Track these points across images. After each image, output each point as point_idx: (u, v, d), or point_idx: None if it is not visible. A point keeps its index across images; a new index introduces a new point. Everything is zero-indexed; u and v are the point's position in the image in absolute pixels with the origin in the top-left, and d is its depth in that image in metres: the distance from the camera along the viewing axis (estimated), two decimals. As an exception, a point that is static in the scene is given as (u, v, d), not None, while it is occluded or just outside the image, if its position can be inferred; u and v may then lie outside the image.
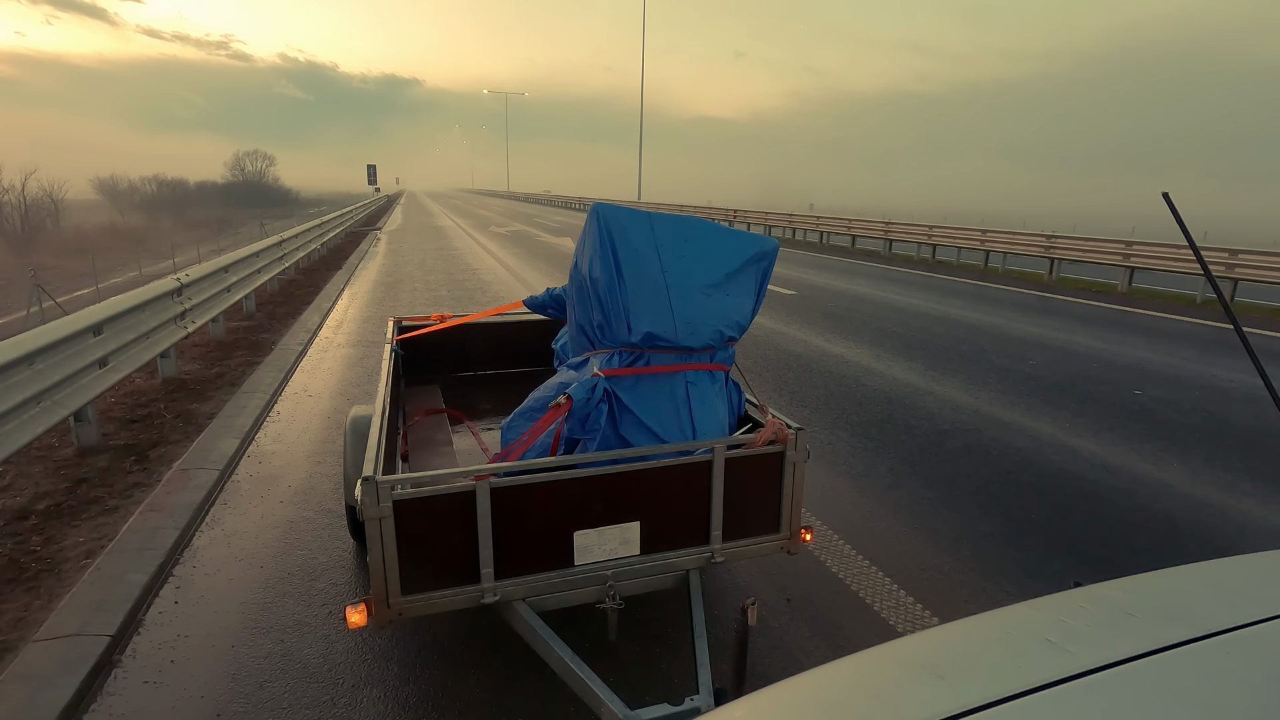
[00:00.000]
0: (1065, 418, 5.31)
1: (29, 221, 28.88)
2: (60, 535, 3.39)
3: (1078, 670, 0.73)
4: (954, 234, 16.58)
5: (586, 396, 2.32)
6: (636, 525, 2.18)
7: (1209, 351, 7.65)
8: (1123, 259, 12.52)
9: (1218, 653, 0.76)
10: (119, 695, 2.38)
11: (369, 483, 1.86)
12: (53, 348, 4.11)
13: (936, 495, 3.97)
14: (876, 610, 2.87)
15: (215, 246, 19.75)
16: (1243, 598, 0.88)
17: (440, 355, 4.13)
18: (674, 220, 2.49)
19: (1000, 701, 0.68)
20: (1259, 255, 10.88)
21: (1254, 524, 3.67)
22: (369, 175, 42.90)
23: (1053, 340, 8.07)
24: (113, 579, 2.96)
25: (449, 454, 3.01)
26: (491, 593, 2.05)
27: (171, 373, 6.15)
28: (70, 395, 4.23)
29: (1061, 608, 0.86)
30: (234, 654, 2.57)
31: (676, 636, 2.64)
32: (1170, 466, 4.40)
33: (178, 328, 6.29)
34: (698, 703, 1.91)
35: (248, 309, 9.28)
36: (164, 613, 2.83)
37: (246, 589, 2.99)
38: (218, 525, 3.56)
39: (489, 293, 10.71)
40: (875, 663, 0.79)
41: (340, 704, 2.32)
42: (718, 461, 2.21)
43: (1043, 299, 11.45)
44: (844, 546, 3.37)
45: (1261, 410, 5.51)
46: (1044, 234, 14.21)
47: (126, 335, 5.12)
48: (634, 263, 2.34)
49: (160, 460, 4.31)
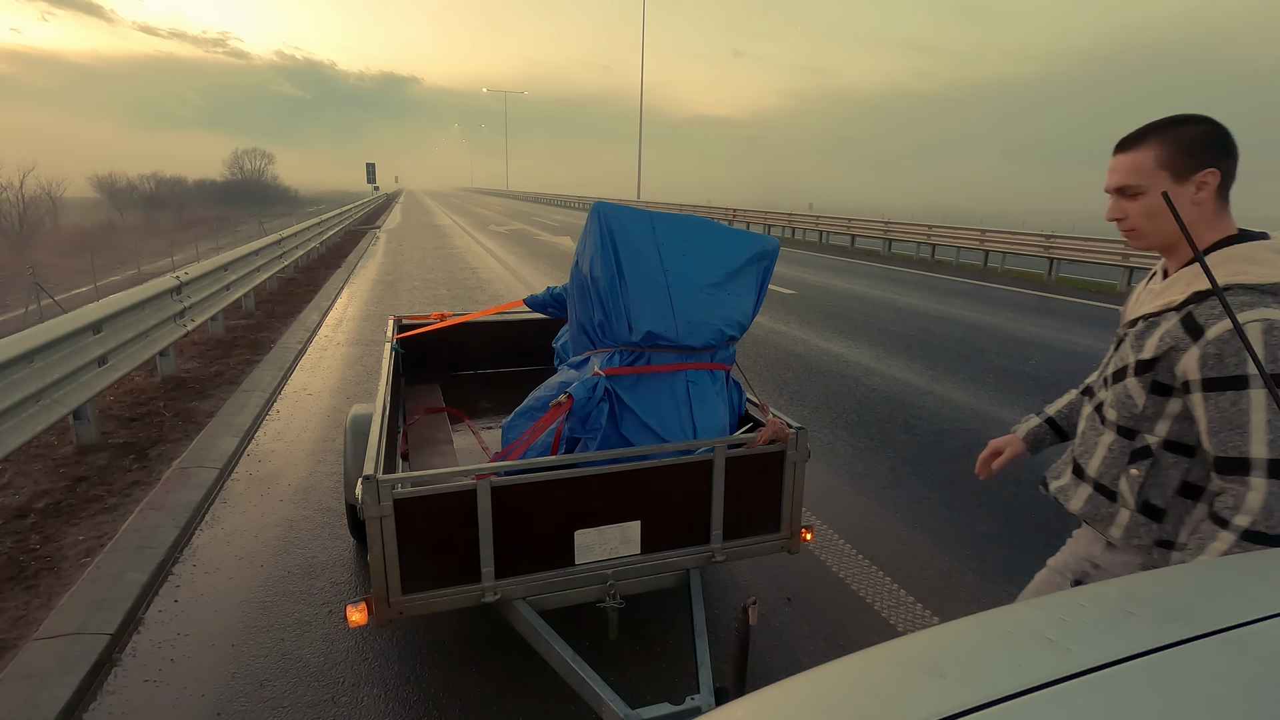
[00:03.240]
0: (1064, 417, 5.31)
1: (27, 219, 28.85)
2: (59, 534, 3.39)
3: (1078, 669, 0.73)
4: (953, 234, 16.59)
5: (587, 395, 2.33)
6: (637, 524, 2.18)
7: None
8: (1122, 259, 12.53)
9: (1218, 651, 0.76)
10: (119, 694, 2.38)
11: (370, 481, 1.86)
12: (52, 345, 4.11)
13: (937, 495, 3.97)
14: (877, 610, 2.87)
15: (214, 245, 19.74)
16: (1242, 596, 0.88)
17: (440, 354, 4.13)
18: (675, 219, 2.49)
19: (1001, 700, 0.69)
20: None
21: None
22: (368, 174, 42.89)
23: (1052, 340, 8.08)
24: (112, 577, 2.96)
25: (449, 453, 3.01)
26: (492, 591, 2.06)
27: (171, 371, 6.15)
28: (69, 393, 4.23)
29: (1061, 607, 0.87)
30: (234, 653, 2.57)
31: (677, 636, 2.65)
32: (1169, 466, 4.41)
33: (177, 326, 6.29)
34: (698, 702, 1.91)
35: (247, 307, 9.27)
36: (164, 611, 2.83)
37: (246, 587, 2.99)
38: (217, 524, 3.56)
39: (488, 292, 10.71)
40: (876, 662, 0.79)
41: (341, 703, 2.32)
42: (718, 461, 2.21)
43: (1042, 299, 11.46)
44: (844, 546, 3.38)
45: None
46: (1043, 234, 14.22)
47: (126, 333, 5.12)
48: (635, 262, 2.34)
49: (160, 459, 4.31)
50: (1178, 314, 1.26)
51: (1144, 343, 1.31)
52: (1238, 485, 1.16)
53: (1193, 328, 1.22)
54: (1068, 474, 1.52)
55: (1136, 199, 1.33)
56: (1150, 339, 1.30)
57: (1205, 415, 1.20)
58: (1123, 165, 1.34)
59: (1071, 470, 1.50)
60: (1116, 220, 1.37)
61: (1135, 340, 1.34)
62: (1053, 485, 1.55)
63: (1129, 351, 1.35)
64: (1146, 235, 1.35)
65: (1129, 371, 1.33)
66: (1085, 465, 1.45)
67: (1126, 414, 1.35)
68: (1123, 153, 1.35)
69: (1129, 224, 1.36)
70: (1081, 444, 1.49)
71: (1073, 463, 1.50)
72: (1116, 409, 1.37)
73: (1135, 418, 1.34)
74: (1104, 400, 1.42)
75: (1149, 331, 1.31)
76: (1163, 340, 1.27)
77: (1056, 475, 1.56)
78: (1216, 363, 1.17)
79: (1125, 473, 1.36)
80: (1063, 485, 1.52)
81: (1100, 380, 1.47)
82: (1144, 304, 1.38)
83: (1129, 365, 1.34)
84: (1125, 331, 1.41)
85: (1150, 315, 1.32)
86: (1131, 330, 1.37)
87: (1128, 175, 1.33)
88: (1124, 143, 1.35)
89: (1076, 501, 1.47)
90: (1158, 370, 1.28)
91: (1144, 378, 1.30)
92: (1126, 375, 1.34)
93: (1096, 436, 1.43)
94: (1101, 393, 1.44)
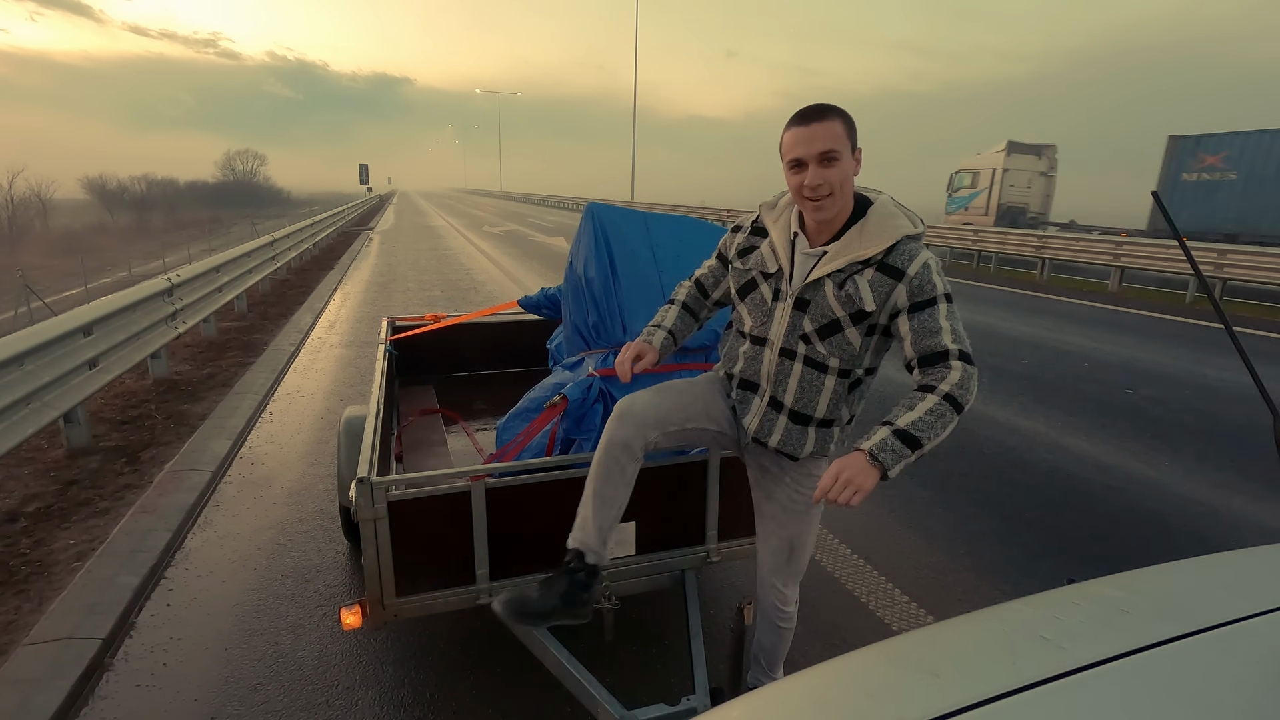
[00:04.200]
0: (1057, 416, 5.34)
1: (16, 221, 28.64)
2: (50, 538, 3.36)
3: (1072, 667, 0.73)
4: (946, 233, 16.66)
5: (582, 396, 2.32)
6: (632, 525, 2.18)
7: (1199, 350, 7.71)
8: (1113, 258, 12.61)
9: (1210, 647, 0.77)
10: (111, 699, 2.36)
11: (364, 483, 1.85)
12: (42, 348, 4.08)
13: (930, 494, 3.98)
14: (871, 609, 2.88)
15: (206, 246, 19.63)
16: (1234, 593, 0.89)
17: (434, 355, 4.12)
18: (668, 220, 2.49)
19: (995, 698, 0.69)
20: (1247, 254, 10.98)
21: (1244, 521, 3.71)
22: (361, 175, 42.74)
23: (1044, 339, 8.12)
24: (104, 581, 2.94)
25: (444, 454, 3.00)
26: (487, 593, 2.05)
27: (163, 373, 6.11)
28: (60, 396, 4.20)
29: (1055, 605, 0.87)
30: (227, 656, 2.55)
31: (672, 636, 2.65)
32: (1161, 464, 4.44)
33: (169, 328, 6.25)
34: (694, 703, 1.91)
35: (239, 309, 9.23)
36: (156, 615, 2.82)
37: (240, 591, 2.97)
38: (210, 527, 3.54)
39: (483, 293, 10.68)
40: (871, 661, 0.80)
41: (336, 706, 2.31)
42: (713, 461, 2.21)
43: (1034, 298, 11.51)
44: (839, 545, 3.38)
45: (1251, 408, 5.56)
46: (1035, 234, 14.29)
47: (117, 336, 5.09)
48: (629, 262, 2.34)
49: (152, 462, 4.28)
50: (873, 266, 1.52)
51: (856, 297, 1.53)
52: (942, 369, 1.48)
53: (894, 272, 1.50)
54: (760, 410, 1.70)
55: (834, 165, 1.47)
56: (862, 293, 1.52)
57: (910, 330, 1.51)
58: (823, 133, 1.47)
59: (775, 411, 1.68)
60: (814, 188, 1.48)
61: (840, 298, 1.54)
62: (747, 422, 1.73)
63: (834, 308, 1.55)
64: (835, 203, 1.51)
65: (844, 324, 1.56)
66: (806, 409, 1.65)
67: (847, 357, 1.59)
68: (817, 122, 1.48)
69: (826, 190, 1.48)
70: (799, 392, 1.64)
71: (780, 406, 1.67)
72: (838, 356, 1.59)
73: (853, 358, 1.60)
74: (810, 354, 1.60)
75: (851, 288, 1.53)
76: (876, 291, 1.52)
77: (744, 414, 1.74)
78: (918, 290, 1.50)
79: (845, 402, 1.66)
80: (758, 422, 1.71)
81: (790, 337, 1.61)
82: (820, 266, 1.55)
83: (840, 319, 1.55)
84: (795, 290, 1.58)
85: (837, 273, 1.54)
86: (819, 292, 1.56)
87: (833, 140, 1.47)
88: (814, 113, 1.49)
89: (775, 436, 1.69)
90: (873, 315, 1.54)
91: (861, 325, 1.55)
92: (842, 327, 1.56)
93: (818, 384, 1.62)
94: (802, 348, 1.60)
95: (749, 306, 1.68)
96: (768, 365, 1.66)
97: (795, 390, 1.64)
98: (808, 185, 1.49)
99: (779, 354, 1.64)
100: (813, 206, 1.52)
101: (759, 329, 1.66)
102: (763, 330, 1.65)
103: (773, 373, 1.65)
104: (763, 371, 1.67)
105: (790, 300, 1.59)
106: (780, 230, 1.63)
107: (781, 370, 1.64)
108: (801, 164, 1.49)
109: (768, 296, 1.64)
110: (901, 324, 1.52)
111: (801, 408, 1.65)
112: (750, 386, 1.72)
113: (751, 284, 1.67)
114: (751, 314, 1.67)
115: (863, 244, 1.53)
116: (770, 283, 1.63)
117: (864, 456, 1.39)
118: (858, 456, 1.40)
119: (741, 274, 1.70)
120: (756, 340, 1.67)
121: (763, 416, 1.70)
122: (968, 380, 1.48)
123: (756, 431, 1.72)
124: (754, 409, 1.72)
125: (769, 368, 1.65)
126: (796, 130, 1.50)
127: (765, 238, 1.66)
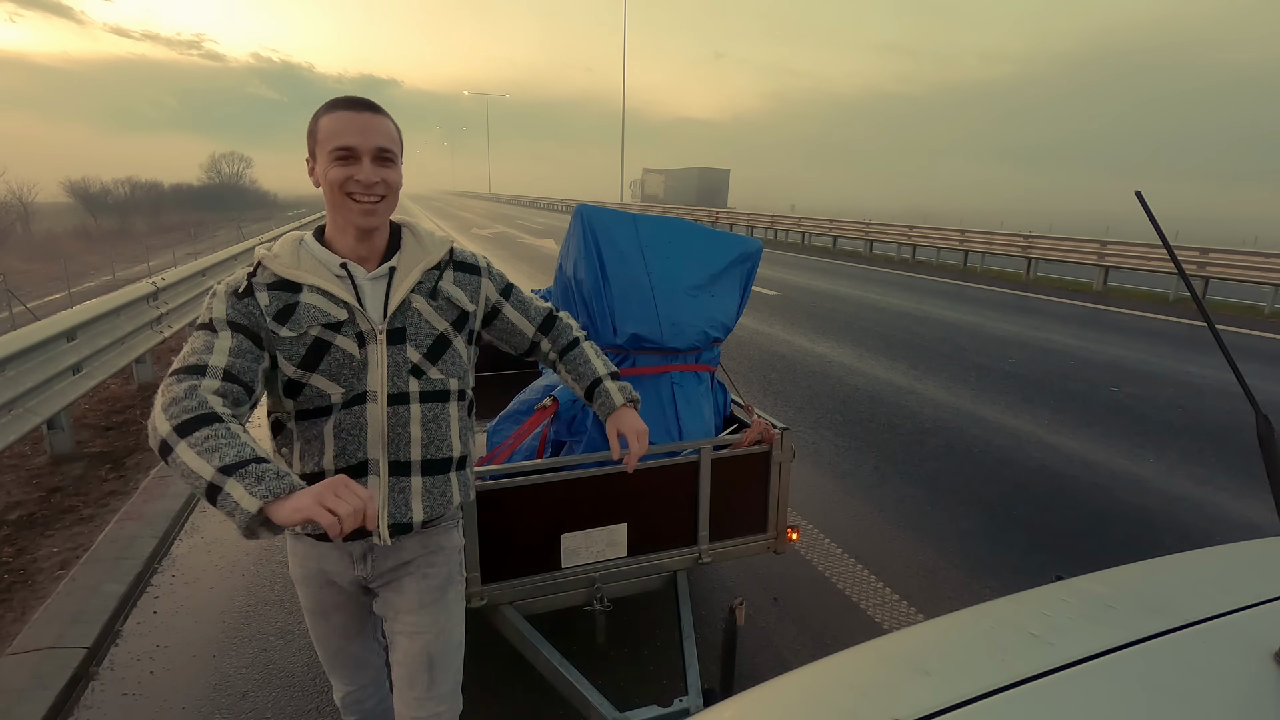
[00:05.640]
0: (1044, 415, 5.39)
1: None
2: (34, 546, 3.32)
3: (1061, 662, 0.74)
4: (933, 234, 16.77)
5: (573, 399, 2.32)
6: (624, 527, 2.18)
7: (1183, 348, 7.80)
8: (1098, 258, 12.74)
9: (1197, 642, 0.78)
10: (96, 708, 2.33)
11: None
12: (25, 354, 4.03)
13: (920, 493, 4.01)
14: (863, 608, 2.89)
15: (191, 250, 19.45)
16: (1219, 588, 0.90)
17: None
18: (658, 221, 2.49)
19: (986, 695, 0.69)
20: (1230, 254, 11.13)
21: (1228, 517, 3.75)
22: (348, 178, 42.30)
23: (1031, 339, 8.19)
24: (89, 589, 2.90)
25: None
26: (478, 597, 2.04)
27: (148, 378, 6.04)
28: (43, 402, 4.15)
29: (1044, 601, 0.88)
30: (215, 664, 2.53)
31: (665, 638, 2.65)
32: (1146, 462, 4.49)
33: (154, 332, 6.19)
34: (687, 703, 1.91)
35: (226, 313, 9.14)
36: (142, 623, 2.78)
37: (228, 597, 2.94)
38: (197, 533, 3.51)
39: (472, 295, 10.64)
40: (863, 660, 0.80)
41: (325, 713, 2.29)
42: (704, 462, 2.21)
43: (1020, 298, 11.61)
44: (830, 545, 3.40)
45: (1234, 406, 5.63)
46: (1021, 234, 14.42)
47: (101, 340, 5.03)
48: (618, 264, 2.34)
49: (137, 467, 4.24)
50: (449, 268, 1.40)
51: (456, 300, 1.39)
52: (561, 325, 1.58)
53: (469, 269, 1.43)
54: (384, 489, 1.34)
55: (390, 167, 1.28)
56: (455, 296, 1.39)
57: (517, 311, 1.52)
58: (381, 127, 1.26)
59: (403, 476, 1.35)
60: (369, 185, 1.24)
61: (439, 308, 1.36)
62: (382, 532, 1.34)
63: (434, 323, 1.35)
64: (386, 210, 1.29)
65: (449, 336, 1.38)
66: (440, 452, 1.38)
67: (461, 373, 1.41)
68: (371, 113, 1.26)
69: (382, 190, 1.26)
70: (426, 437, 1.35)
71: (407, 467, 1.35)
72: (455, 375, 1.39)
73: (464, 374, 1.42)
74: (425, 386, 1.34)
75: (443, 295, 1.37)
76: (466, 290, 1.41)
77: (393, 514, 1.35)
78: (499, 278, 1.50)
79: (468, 429, 1.46)
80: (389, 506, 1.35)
81: (396, 378, 1.32)
82: (396, 286, 1.32)
83: (443, 332, 1.37)
84: (384, 322, 1.31)
85: (419, 285, 1.35)
86: (410, 312, 1.33)
87: (390, 140, 1.27)
88: (368, 104, 1.27)
89: (418, 505, 1.36)
90: (471, 317, 1.42)
91: (463, 332, 1.41)
92: (450, 340, 1.38)
93: (443, 416, 1.37)
94: (414, 385, 1.33)
95: (330, 371, 1.28)
96: (376, 425, 1.31)
97: (421, 436, 1.35)
98: (362, 181, 1.23)
99: (388, 403, 1.32)
100: (361, 210, 1.25)
101: (353, 388, 1.30)
102: (358, 386, 1.30)
103: (385, 430, 1.32)
104: (370, 438, 1.32)
105: (383, 336, 1.30)
106: (318, 270, 1.28)
107: (396, 421, 1.32)
108: (352, 155, 1.23)
109: (351, 347, 1.29)
110: (507, 311, 1.50)
111: (435, 453, 1.37)
112: (357, 470, 1.32)
113: (320, 345, 1.28)
114: (338, 376, 1.29)
115: (425, 250, 1.37)
116: (346, 330, 1.28)
117: (629, 408, 1.53)
118: (627, 410, 1.52)
119: (296, 341, 1.27)
120: (350, 403, 1.30)
121: (390, 495, 1.34)
122: (569, 321, 1.62)
123: (393, 518, 1.34)
124: (377, 493, 1.33)
125: (379, 428, 1.31)
126: (345, 115, 1.24)
127: (298, 291, 1.27)
